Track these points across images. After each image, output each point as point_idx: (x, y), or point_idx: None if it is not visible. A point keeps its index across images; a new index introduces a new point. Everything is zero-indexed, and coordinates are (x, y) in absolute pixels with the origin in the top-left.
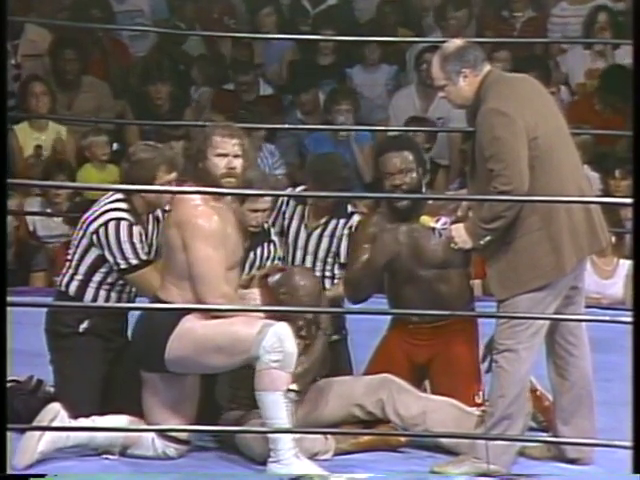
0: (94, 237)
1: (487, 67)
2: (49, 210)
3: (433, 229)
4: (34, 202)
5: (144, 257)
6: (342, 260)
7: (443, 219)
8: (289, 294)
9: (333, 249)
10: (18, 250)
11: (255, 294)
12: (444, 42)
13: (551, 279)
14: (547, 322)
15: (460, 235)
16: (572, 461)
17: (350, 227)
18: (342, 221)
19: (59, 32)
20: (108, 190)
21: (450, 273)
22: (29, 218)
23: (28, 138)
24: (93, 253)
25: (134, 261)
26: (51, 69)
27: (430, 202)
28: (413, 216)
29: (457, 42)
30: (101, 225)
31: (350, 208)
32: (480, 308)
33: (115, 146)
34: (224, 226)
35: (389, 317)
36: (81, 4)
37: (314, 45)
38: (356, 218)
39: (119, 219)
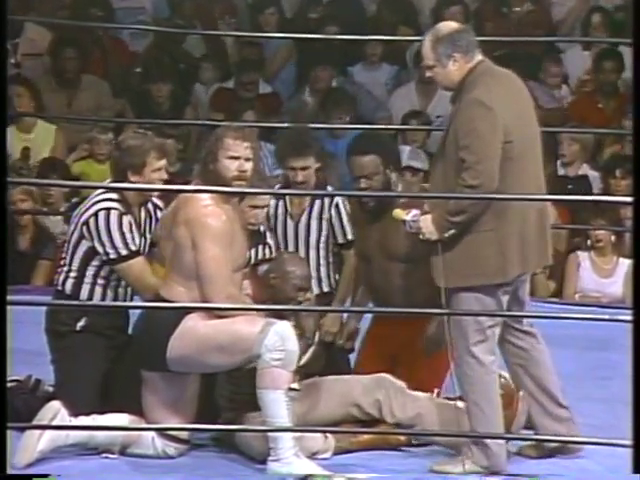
0: (84, 228)
1: (479, 56)
2: (46, 210)
3: (404, 221)
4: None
5: (133, 248)
6: (340, 240)
7: (414, 211)
8: (280, 278)
9: (324, 232)
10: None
11: (245, 285)
12: None
13: (493, 281)
14: (498, 327)
15: (427, 226)
16: (556, 454)
17: (336, 205)
18: (327, 201)
19: (59, 31)
20: (107, 188)
21: (414, 267)
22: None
23: (15, 140)
24: (84, 245)
25: (124, 251)
26: (51, 68)
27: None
28: (384, 217)
29: (451, 25)
30: (91, 216)
31: (331, 188)
32: None
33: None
34: (232, 227)
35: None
36: (81, 3)
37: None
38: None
39: (109, 209)
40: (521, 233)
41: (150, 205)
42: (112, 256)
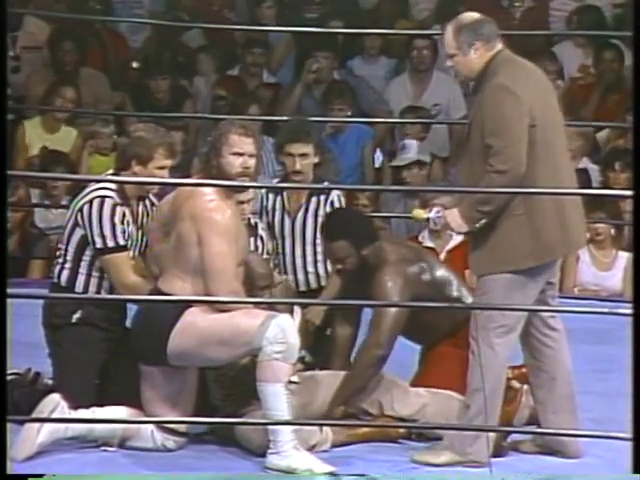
0: (79, 215)
1: (500, 45)
2: (47, 202)
3: (427, 219)
4: (33, 194)
5: (122, 242)
6: None
7: (436, 208)
8: (247, 284)
9: (319, 229)
10: (20, 239)
11: None
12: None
13: (527, 265)
14: (523, 317)
15: (455, 220)
16: (557, 454)
17: (332, 203)
18: (322, 197)
19: (57, 24)
20: (108, 182)
21: None
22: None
23: (37, 137)
24: (78, 234)
25: (111, 243)
26: (50, 61)
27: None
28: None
29: (473, 15)
30: (86, 203)
31: (327, 184)
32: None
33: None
34: (237, 222)
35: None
36: None
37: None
38: (335, 192)
39: (104, 197)
40: (557, 216)
41: (147, 202)
42: (98, 245)
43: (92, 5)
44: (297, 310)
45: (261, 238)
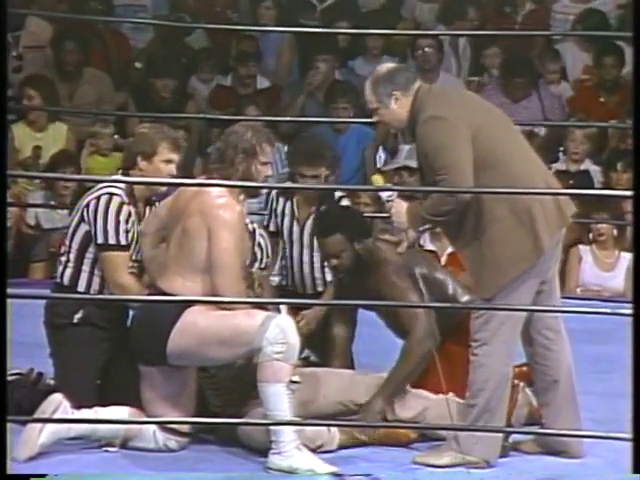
0: (85, 210)
1: (417, 83)
2: (53, 202)
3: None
4: (38, 195)
5: (123, 241)
6: None
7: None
8: None
9: (314, 228)
10: (17, 241)
11: None
12: (446, 34)
13: (531, 261)
14: (523, 314)
15: (399, 212)
16: (560, 454)
17: None
18: None
19: (60, 24)
20: (111, 182)
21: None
22: (31, 210)
23: (27, 138)
24: (82, 230)
25: (112, 240)
26: (52, 61)
27: None
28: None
29: (388, 65)
30: (93, 199)
31: (338, 193)
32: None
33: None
34: (244, 221)
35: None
36: None
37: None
38: (344, 203)
39: (112, 194)
40: (538, 204)
41: (154, 204)
42: (99, 241)
43: (95, 5)
44: (283, 308)
45: (259, 244)
